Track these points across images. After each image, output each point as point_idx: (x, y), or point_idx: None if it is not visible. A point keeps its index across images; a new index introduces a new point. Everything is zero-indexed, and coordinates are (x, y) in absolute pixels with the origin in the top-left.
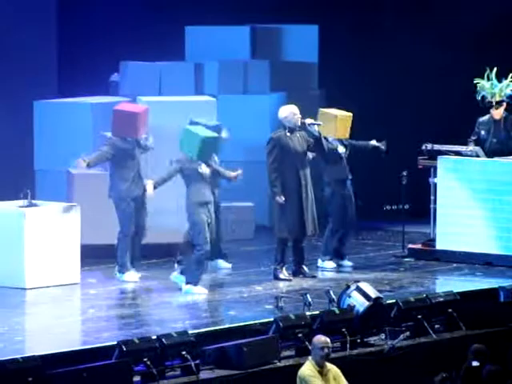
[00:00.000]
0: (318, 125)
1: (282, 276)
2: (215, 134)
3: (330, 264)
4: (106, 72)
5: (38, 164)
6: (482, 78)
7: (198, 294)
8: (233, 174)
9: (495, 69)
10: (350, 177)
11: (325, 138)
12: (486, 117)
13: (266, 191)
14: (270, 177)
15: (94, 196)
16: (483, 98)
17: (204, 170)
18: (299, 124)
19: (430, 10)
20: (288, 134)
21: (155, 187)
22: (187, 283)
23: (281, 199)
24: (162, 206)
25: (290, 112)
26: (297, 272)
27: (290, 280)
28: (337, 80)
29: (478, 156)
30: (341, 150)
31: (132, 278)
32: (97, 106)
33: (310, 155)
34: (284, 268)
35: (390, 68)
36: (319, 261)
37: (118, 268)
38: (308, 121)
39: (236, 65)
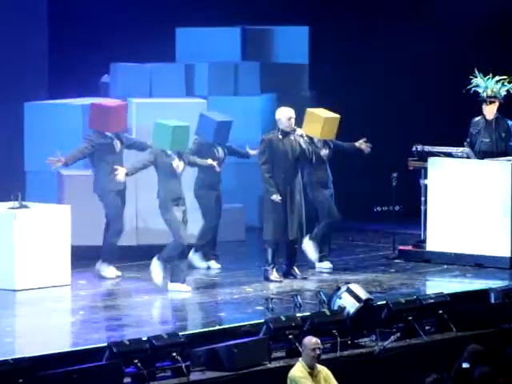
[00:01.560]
0: (304, 140)
1: (272, 277)
2: (186, 124)
3: (327, 264)
4: (97, 73)
5: (29, 165)
6: (475, 77)
7: (184, 291)
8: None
9: (489, 69)
10: (331, 178)
11: (310, 138)
12: (479, 117)
13: (256, 192)
14: (263, 177)
15: (84, 197)
16: (476, 94)
17: (177, 164)
18: (292, 128)
19: (422, 12)
20: (280, 136)
21: (127, 175)
22: (172, 282)
23: (277, 197)
24: (153, 208)
25: (283, 115)
26: (288, 273)
27: (280, 281)
28: (327, 81)
29: (468, 157)
30: (323, 152)
31: (111, 274)
32: (87, 108)
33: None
34: (274, 269)
35: (380, 69)
36: (316, 263)
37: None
38: (298, 131)
39: (226, 66)
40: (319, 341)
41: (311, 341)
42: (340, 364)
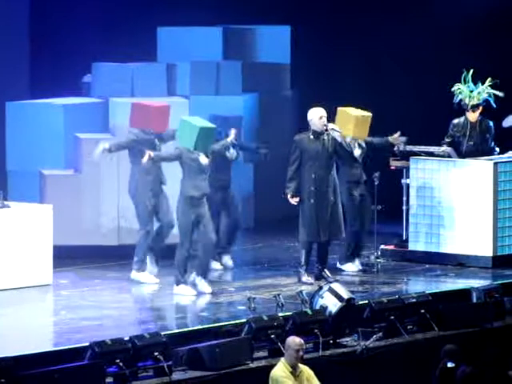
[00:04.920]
0: (340, 132)
1: (303, 279)
2: (212, 125)
3: (350, 267)
4: (79, 73)
5: (10, 165)
6: (457, 79)
7: (186, 294)
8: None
9: (471, 71)
10: (364, 179)
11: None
12: (461, 119)
13: (240, 192)
14: (287, 176)
15: (66, 197)
16: (460, 100)
17: (203, 160)
18: (323, 128)
19: (404, 12)
20: (312, 137)
21: (152, 159)
22: (176, 284)
23: (293, 200)
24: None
25: (315, 115)
26: (319, 276)
27: (311, 284)
28: (309, 81)
29: (450, 157)
30: (357, 152)
31: (147, 279)
32: (69, 107)
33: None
34: (306, 272)
35: (361, 69)
36: (338, 263)
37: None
38: (330, 126)
39: (208, 66)
40: (303, 341)
41: (295, 341)
42: (322, 363)
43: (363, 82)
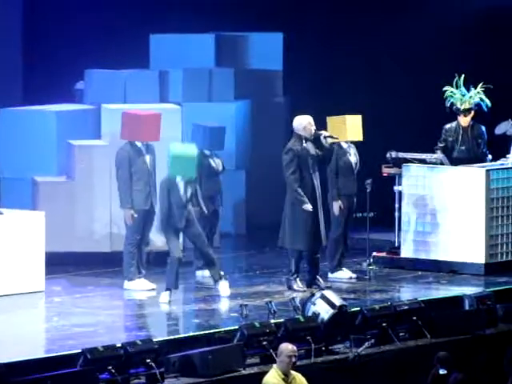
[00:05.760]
0: (335, 138)
1: (295, 287)
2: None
3: (341, 274)
4: (71, 80)
5: (3, 172)
6: (449, 84)
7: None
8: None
9: (463, 76)
10: (355, 191)
11: (339, 145)
12: (453, 124)
13: (231, 199)
14: (292, 187)
15: (58, 204)
16: (452, 104)
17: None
18: (312, 135)
19: (396, 19)
20: (304, 144)
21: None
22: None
23: (309, 207)
24: None
25: (307, 122)
26: (311, 283)
27: (304, 291)
28: (301, 87)
29: (442, 164)
30: (353, 160)
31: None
32: (61, 114)
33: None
34: (298, 279)
35: (354, 75)
36: (329, 273)
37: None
38: (324, 133)
39: (201, 73)
40: (295, 348)
41: (288, 347)
42: (314, 370)
43: (356, 88)
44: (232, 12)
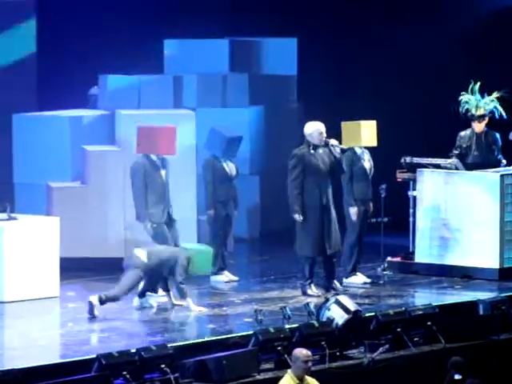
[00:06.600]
0: (341, 148)
1: (310, 292)
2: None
3: (355, 279)
4: (85, 85)
5: (17, 177)
6: (465, 91)
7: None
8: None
9: (478, 83)
10: (370, 196)
11: (353, 152)
12: (468, 131)
13: (245, 204)
14: (291, 193)
15: (73, 209)
16: (467, 110)
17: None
18: (323, 142)
19: (410, 24)
20: (312, 151)
21: None
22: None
23: (300, 218)
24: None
25: (315, 129)
26: (328, 288)
27: (318, 296)
28: (316, 93)
29: (457, 169)
30: (367, 165)
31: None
32: (75, 120)
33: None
34: (312, 284)
35: (368, 81)
36: (343, 278)
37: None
38: (332, 142)
39: (215, 78)
40: (310, 353)
41: (303, 352)
42: (329, 376)
43: (370, 93)
44: (246, 17)
